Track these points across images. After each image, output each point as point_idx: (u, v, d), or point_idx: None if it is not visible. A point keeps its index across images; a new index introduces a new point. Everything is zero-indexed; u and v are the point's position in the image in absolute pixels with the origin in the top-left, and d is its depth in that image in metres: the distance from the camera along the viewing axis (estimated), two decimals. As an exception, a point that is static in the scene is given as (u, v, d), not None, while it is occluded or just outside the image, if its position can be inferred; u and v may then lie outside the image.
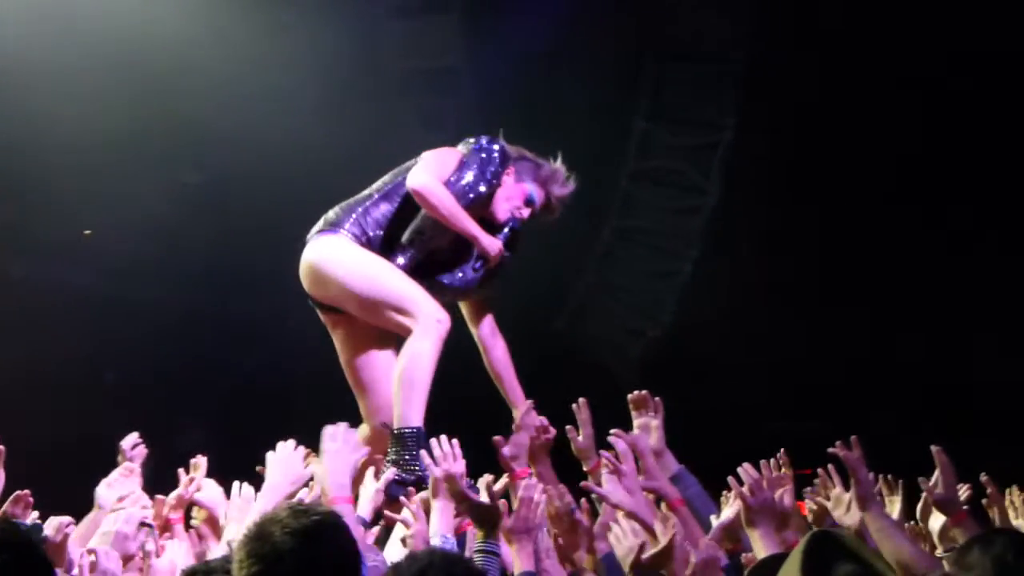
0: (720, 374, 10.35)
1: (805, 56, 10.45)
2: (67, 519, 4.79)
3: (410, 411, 5.78)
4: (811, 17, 10.47)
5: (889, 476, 5.59)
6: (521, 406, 6.01)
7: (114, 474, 5.33)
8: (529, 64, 10.63)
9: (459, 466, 4.91)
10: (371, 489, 5.33)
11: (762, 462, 5.07)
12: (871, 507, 4.65)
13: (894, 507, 5.39)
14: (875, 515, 4.62)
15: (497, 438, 5.54)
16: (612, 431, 5.26)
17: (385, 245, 6.06)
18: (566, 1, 10.82)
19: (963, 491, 5.52)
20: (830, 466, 5.06)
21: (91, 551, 4.53)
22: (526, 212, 6.22)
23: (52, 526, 4.72)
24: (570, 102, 10.61)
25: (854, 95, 10.45)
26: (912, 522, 5.35)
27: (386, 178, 6.22)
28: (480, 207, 6.10)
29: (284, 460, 4.84)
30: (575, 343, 11.23)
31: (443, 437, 4.98)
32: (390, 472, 5.50)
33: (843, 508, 4.94)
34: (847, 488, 4.93)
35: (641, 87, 11.20)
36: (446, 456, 4.92)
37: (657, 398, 5.71)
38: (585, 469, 5.65)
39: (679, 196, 11.24)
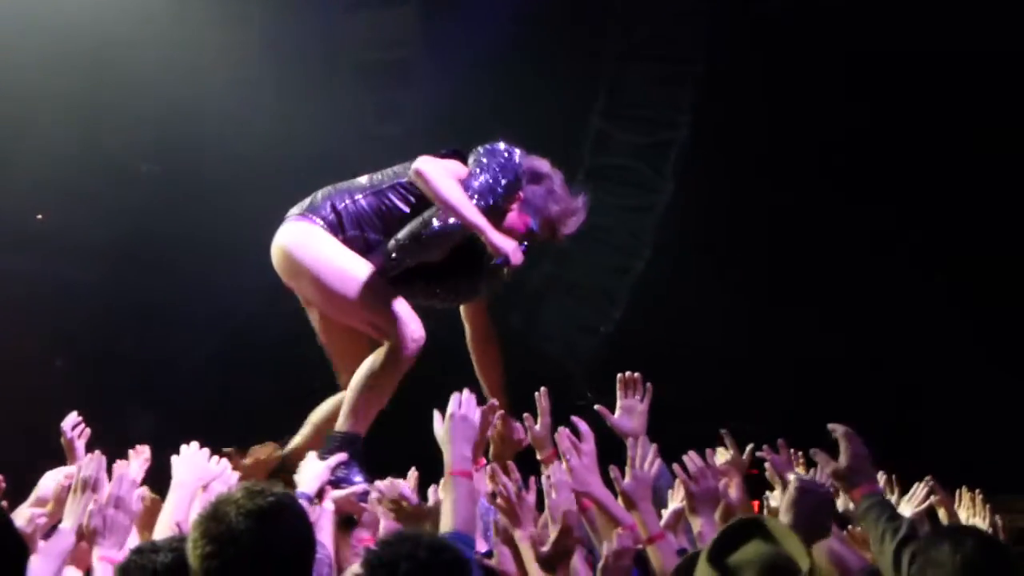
0: (671, 371, 10.40)
1: (757, 56, 10.54)
2: (39, 511, 4.75)
3: (357, 420, 5.72)
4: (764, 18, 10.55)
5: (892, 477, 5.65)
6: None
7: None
8: (486, 58, 10.63)
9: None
10: (318, 467, 5.30)
11: (707, 450, 5.10)
12: (702, 513, 4.71)
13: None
14: (703, 522, 4.67)
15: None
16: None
17: (362, 246, 5.88)
18: (524, -3, 10.84)
19: (922, 491, 5.60)
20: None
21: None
22: (523, 246, 5.83)
23: (23, 516, 4.68)
24: (527, 98, 10.62)
25: (805, 94, 10.52)
26: (850, 526, 5.40)
27: (381, 173, 6.02)
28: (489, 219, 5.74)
29: (190, 459, 4.82)
30: (531, 340, 11.24)
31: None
32: (342, 455, 5.48)
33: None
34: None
35: (599, 84, 11.23)
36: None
37: (648, 384, 5.57)
38: (539, 458, 5.59)
39: (634, 193, 11.28)
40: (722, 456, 5.39)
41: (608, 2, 11.08)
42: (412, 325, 5.77)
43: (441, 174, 5.70)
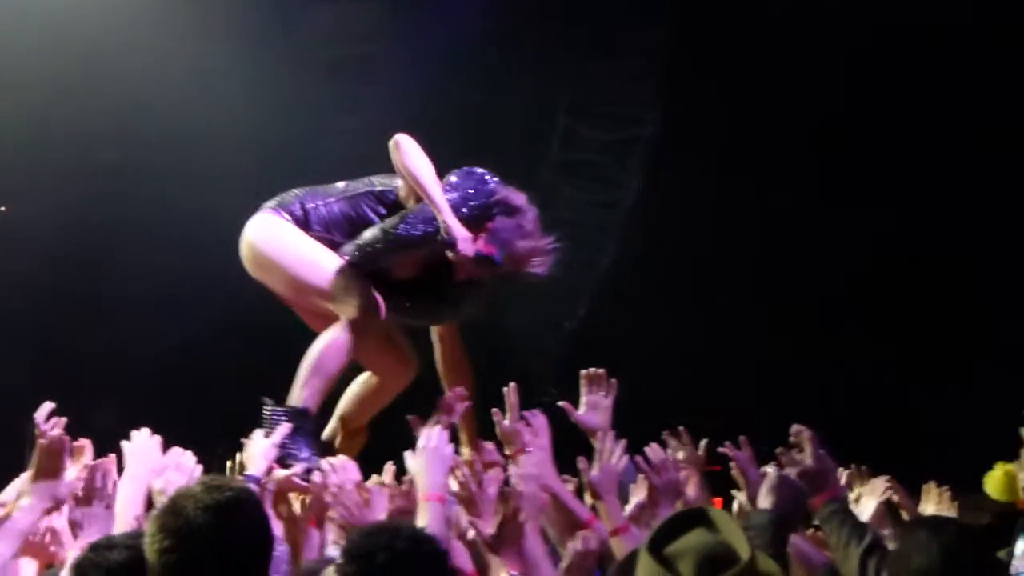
0: (632, 367, 10.42)
1: (722, 52, 10.57)
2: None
3: (307, 394, 5.65)
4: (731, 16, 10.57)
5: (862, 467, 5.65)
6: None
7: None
8: (453, 53, 10.61)
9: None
10: (263, 445, 5.23)
11: (664, 433, 5.10)
12: (662, 506, 4.72)
13: (868, 498, 5.44)
14: (663, 515, 4.67)
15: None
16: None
17: (328, 246, 5.82)
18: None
19: (877, 488, 5.61)
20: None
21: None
22: (484, 274, 5.81)
23: None
24: (494, 93, 10.62)
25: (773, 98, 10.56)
26: (812, 529, 5.41)
27: (356, 183, 5.97)
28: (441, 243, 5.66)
29: (140, 449, 4.71)
30: (496, 335, 11.24)
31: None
32: (286, 427, 5.38)
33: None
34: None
35: (566, 79, 11.23)
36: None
37: (613, 380, 5.52)
38: (507, 454, 5.52)
39: (600, 189, 11.29)
40: (678, 453, 5.39)
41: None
42: (370, 299, 5.73)
43: (417, 150, 5.67)
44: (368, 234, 5.83)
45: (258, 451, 5.12)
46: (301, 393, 5.68)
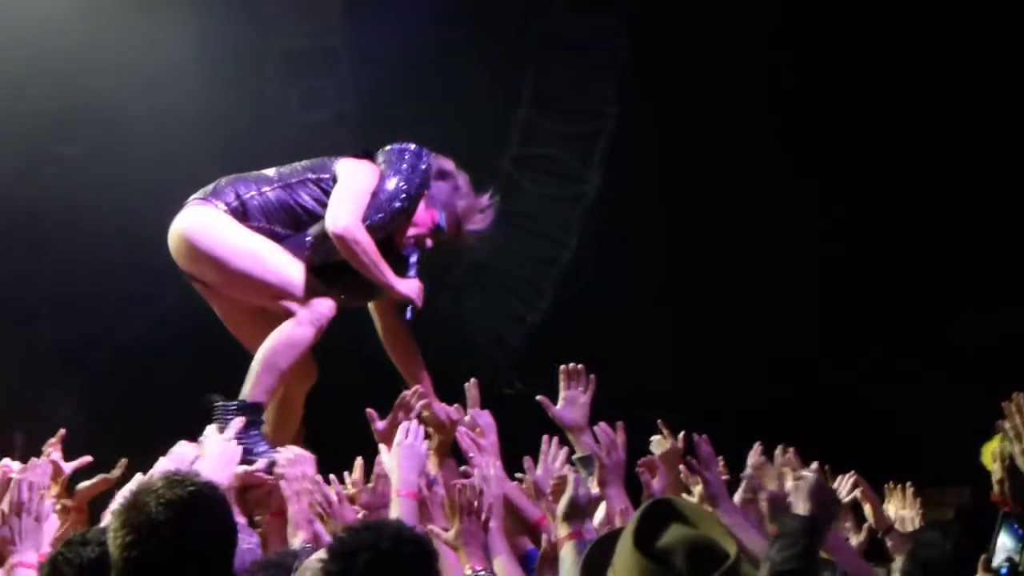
0: (595, 362, 10.42)
1: (683, 49, 10.57)
2: None
3: (259, 390, 5.65)
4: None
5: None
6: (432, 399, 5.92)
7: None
8: (412, 46, 10.57)
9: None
10: (221, 443, 5.18)
11: (619, 423, 5.11)
12: (720, 504, 4.72)
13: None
14: (725, 511, 4.68)
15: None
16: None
17: (269, 238, 5.78)
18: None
19: (846, 485, 5.62)
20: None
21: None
22: (430, 242, 5.97)
23: None
24: (453, 85, 10.58)
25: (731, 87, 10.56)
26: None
27: (290, 167, 5.94)
28: (397, 223, 5.84)
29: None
30: (458, 328, 11.22)
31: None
32: (239, 421, 5.39)
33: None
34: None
35: (525, 72, 11.21)
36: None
37: (592, 375, 5.65)
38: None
39: (560, 184, 11.29)
40: (660, 445, 5.39)
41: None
42: (322, 299, 5.73)
43: (356, 235, 5.66)
44: (317, 228, 5.77)
45: (216, 450, 5.08)
46: (252, 389, 5.65)
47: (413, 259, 5.93)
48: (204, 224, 5.77)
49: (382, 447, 4.96)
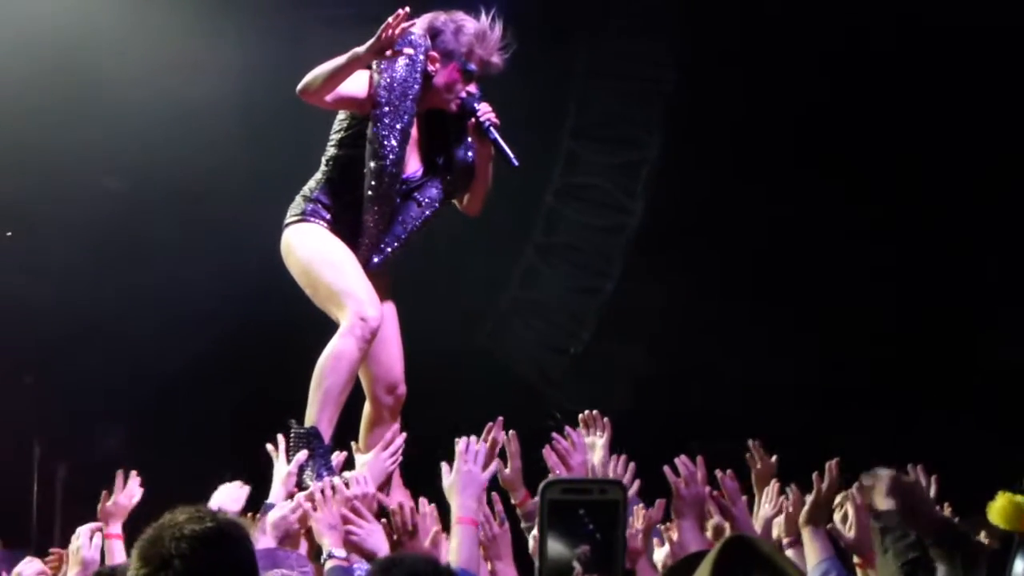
0: (644, 387, 10.46)
1: (728, 78, 10.59)
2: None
3: (314, 411, 5.52)
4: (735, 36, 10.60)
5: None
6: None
7: None
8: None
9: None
10: (283, 471, 5.25)
11: (699, 458, 5.16)
12: (686, 518, 4.90)
13: None
14: (686, 527, 4.87)
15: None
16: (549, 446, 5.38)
17: (350, 218, 5.73)
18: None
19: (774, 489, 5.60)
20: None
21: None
22: (472, 87, 5.92)
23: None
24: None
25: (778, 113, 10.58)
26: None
27: (324, 158, 5.91)
28: (423, 101, 5.78)
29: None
30: (498, 360, 11.23)
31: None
32: (302, 454, 5.36)
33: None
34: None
35: (568, 102, 11.24)
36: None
37: (606, 419, 5.79)
38: (514, 502, 5.51)
39: (603, 213, 11.30)
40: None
41: (575, 20, 11.09)
42: (366, 302, 5.59)
43: (305, 79, 5.68)
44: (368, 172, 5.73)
45: (278, 478, 5.23)
46: (309, 411, 5.56)
47: (475, 105, 5.93)
48: (288, 240, 5.79)
49: (444, 467, 4.90)
